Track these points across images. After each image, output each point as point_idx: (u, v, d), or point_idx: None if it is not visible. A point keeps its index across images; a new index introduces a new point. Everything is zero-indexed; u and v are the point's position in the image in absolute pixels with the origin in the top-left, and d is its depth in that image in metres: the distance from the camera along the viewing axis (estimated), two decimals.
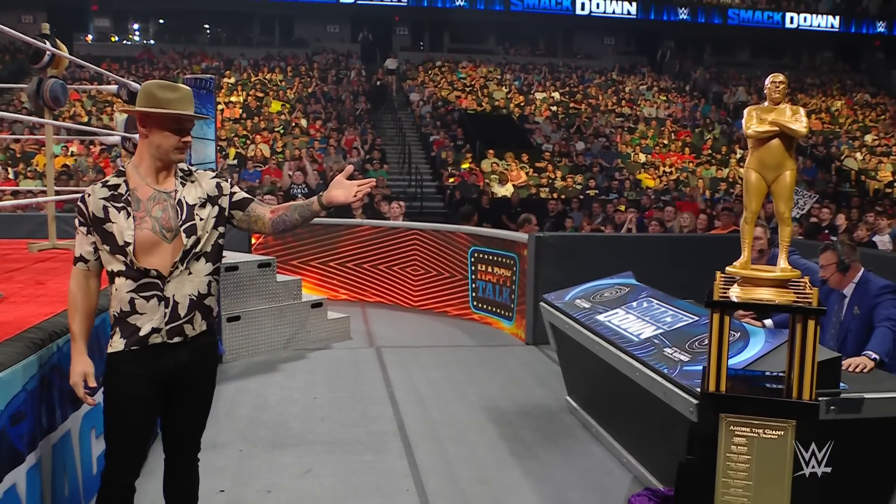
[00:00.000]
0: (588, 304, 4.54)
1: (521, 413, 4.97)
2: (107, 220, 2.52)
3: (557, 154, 18.84)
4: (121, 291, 2.54)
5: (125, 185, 2.56)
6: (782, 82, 2.79)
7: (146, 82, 2.61)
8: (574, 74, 26.28)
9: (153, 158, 2.57)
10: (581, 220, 11.84)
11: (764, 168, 2.74)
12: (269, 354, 6.26)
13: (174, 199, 2.59)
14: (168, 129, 2.54)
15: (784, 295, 2.67)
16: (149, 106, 2.52)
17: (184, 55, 24.78)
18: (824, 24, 30.65)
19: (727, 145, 20.74)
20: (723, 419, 2.66)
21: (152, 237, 2.54)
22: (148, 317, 2.54)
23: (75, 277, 2.59)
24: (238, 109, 19.96)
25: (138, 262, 2.51)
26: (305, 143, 17.89)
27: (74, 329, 2.56)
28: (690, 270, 5.26)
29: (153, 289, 2.55)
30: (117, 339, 2.55)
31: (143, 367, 2.54)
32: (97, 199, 2.53)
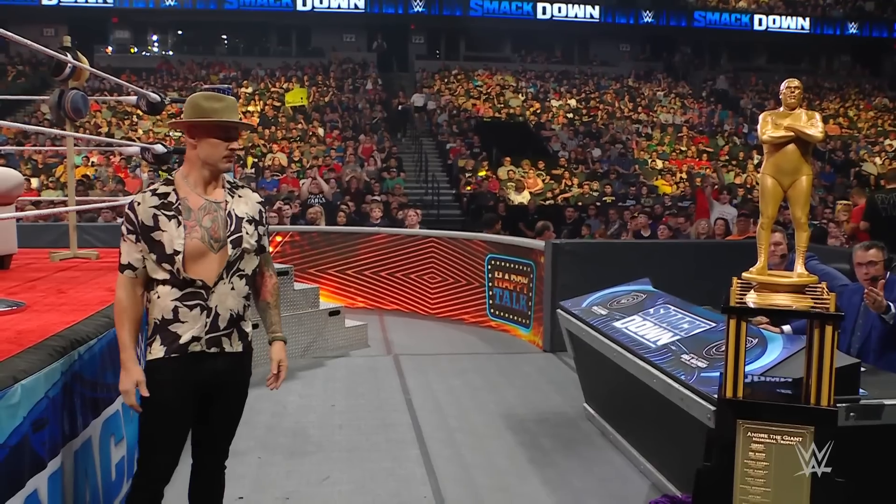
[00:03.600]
0: (605, 310, 4.53)
1: (538, 420, 4.96)
2: (156, 228, 2.54)
3: (574, 161, 18.80)
4: (164, 299, 2.56)
5: (175, 194, 2.59)
6: (797, 87, 2.78)
7: (192, 95, 2.66)
8: (590, 81, 26.25)
9: (202, 168, 2.62)
10: (598, 227, 11.81)
11: (780, 173, 2.74)
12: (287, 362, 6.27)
13: (224, 210, 2.64)
14: (215, 138, 2.59)
15: (801, 301, 2.66)
16: (195, 117, 2.57)
17: (202, 66, 25.02)
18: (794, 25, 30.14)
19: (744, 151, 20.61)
20: (740, 425, 2.65)
21: (201, 247, 2.57)
22: (189, 325, 2.57)
23: (123, 285, 2.59)
24: (255, 118, 20.10)
25: (185, 272, 2.54)
26: (322, 151, 17.99)
27: (124, 337, 2.57)
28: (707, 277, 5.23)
29: (197, 298, 2.58)
30: (157, 346, 2.58)
31: (182, 374, 2.57)
32: (147, 208, 2.56)
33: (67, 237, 5.50)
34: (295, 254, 8.80)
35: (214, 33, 28.77)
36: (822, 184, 18.01)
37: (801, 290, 2.70)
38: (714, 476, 2.76)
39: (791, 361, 3.18)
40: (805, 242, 2.76)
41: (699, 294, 4.75)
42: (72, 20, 25.34)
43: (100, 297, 3.63)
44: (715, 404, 2.85)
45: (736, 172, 18.74)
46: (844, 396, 2.86)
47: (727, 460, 2.68)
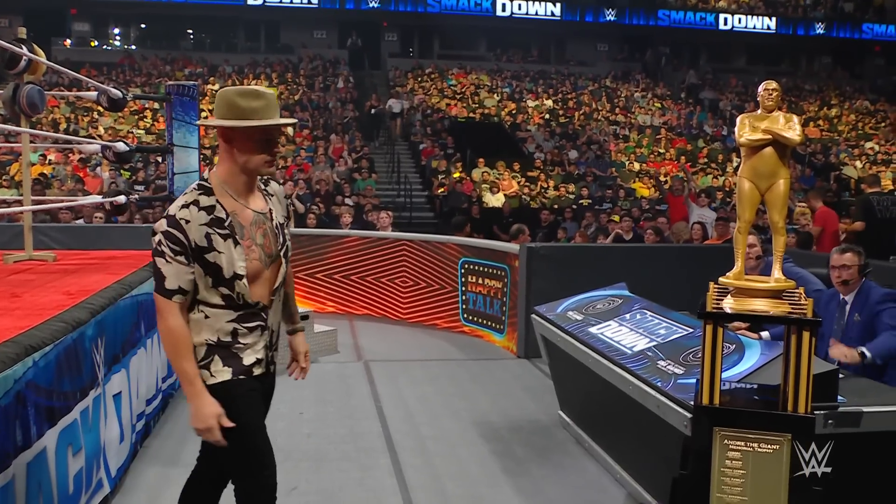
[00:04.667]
0: (580, 316, 4.55)
1: (512, 428, 4.97)
2: (211, 249, 2.35)
3: (550, 163, 18.90)
4: (218, 320, 2.42)
5: (221, 207, 2.39)
6: (775, 90, 2.82)
7: (225, 90, 2.42)
8: (567, 81, 26.41)
9: (240, 174, 2.42)
10: (574, 230, 11.88)
11: (757, 177, 2.77)
12: None
13: (272, 221, 2.50)
14: (257, 142, 2.38)
15: (778, 306, 2.69)
16: (232, 118, 2.35)
17: (166, 61, 24.78)
18: (760, 25, 30.33)
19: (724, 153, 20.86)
20: (717, 433, 2.68)
21: (259, 267, 2.44)
22: (250, 347, 2.47)
23: (175, 313, 2.36)
24: None
25: (248, 296, 2.40)
26: (292, 151, 17.91)
27: (189, 369, 2.37)
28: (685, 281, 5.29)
29: (256, 319, 2.46)
30: (220, 368, 2.43)
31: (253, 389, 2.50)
32: (198, 226, 2.34)
33: (22, 238, 5.41)
34: None
35: (179, 27, 28.50)
36: (802, 187, 18.24)
37: (778, 295, 2.74)
38: (690, 484, 2.78)
39: (769, 368, 3.21)
40: (782, 247, 2.79)
41: (676, 299, 4.80)
42: (28, 10, 24.93)
43: (57, 302, 3.58)
44: (691, 411, 2.87)
45: (715, 175, 18.96)
46: (822, 403, 2.91)
47: (704, 468, 2.70)
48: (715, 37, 30.52)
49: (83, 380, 3.19)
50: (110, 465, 3.60)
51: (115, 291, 3.94)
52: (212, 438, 2.39)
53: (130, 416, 4.05)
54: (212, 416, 2.36)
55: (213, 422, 2.36)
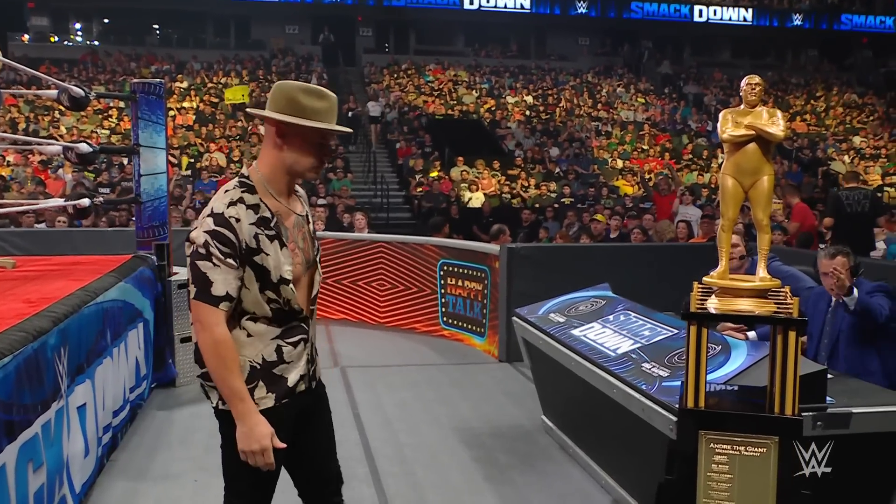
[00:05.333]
0: (563, 318, 4.57)
1: (494, 434, 4.98)
2: (259, 250, 2.27)
3: (530, 161, 18.96)
4: (262, 338, 2.34)
5: (265, 206, 2.31)
6: (758, 84, 2.84)
7: (285, 83, 2.35)
8: (547, 77, 26.53)
9: (285, 175, 2.35)
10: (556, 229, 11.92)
11: (741, 173, 2.79)
12: None
13: (309, 225, 2.46)
14: (311, 144, 2.32)
15: (764, 305, 2.71)
16: (292, 114, 2.28)
17: (131, 58, 24.57)
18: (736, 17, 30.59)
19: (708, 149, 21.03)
20: (702, 436, 2.70)
21: (300, 272, 2.39)
22: (295, 364, 2.40)
23: (221, 322, 2.24)
24: (191, 116, 19.84)
25: (295, 301, 2.34)
26: None
27: (238, 385, 2.27)
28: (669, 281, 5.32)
29: (299, 332, 2.40)
30: (264, 394, 2.34)
31: (289, 416, 2.42)
32: (248, 226, 2.26)
33: None
34: None
35: (145, 22, 28.29)
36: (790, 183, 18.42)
37: (763, 294, 2.75)
38: (677, 490, 2.80)
39: (755, 369, 3.24)
40: (767, 245, 2.81)
41: (661, 299, 4.82)
42: None
43: (16, 310, 3.54)
44: (677, 415, 2.89)
45: (699, 172, 19.10)
46: (811, 405, 2.93)
47: (690, 473, 2.72)
48: (698, 30, 30.78)
49: (45, 392, 3.15)
50: (74, 480, 3.56)
51: (79, 299, 3.89)
52: (263, 462, 2.29)
53: (96, 429, 4.00)
54: (266, 437, 2.27)
55: (268, 442, 2.27)
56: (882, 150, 22.40)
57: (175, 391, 5.82)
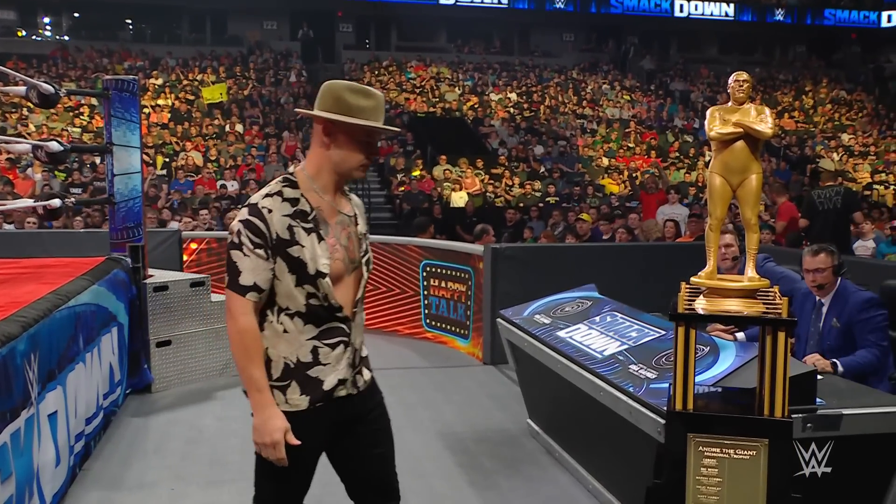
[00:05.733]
0: (548, 319, 4.57)
1: (479, 439, 4.98)
2: (294, 242, 2.30)
3: (514, 159, 18.99)
4: (298, 337, 2.35)
5: (306, 201, 2.35)
6: (746, 81, 2.85)
7: (333, 82, 2.40)
8: (531, 73, 26.58)
9: (331, 173, 2.39)
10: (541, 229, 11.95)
11: (728, 172, 2.80)
12: (203, 382, 6.17)
13: (356, 226, 2.48)
14: (358, 142, 2.37)
15: (752, 306, 2.72)
16: (339, 113, 2.33)
17: (103, 53, 24.38)
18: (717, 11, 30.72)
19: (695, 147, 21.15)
20: (691, 439, 2.71)
21: (341, 269, 2.39)
22: (332, 367, 2.39)
23: (248, 311, 2.31)
24: (166, 114, 19.72)
25: (332, 296, 2.35)
26: (242, 150, 17.76)
27: (258, 375, 2.31)
28: (658, 281, 5.35)
29: (338, 334, 2.40)
30: (296, 395, 2.35)
31: (324, 422, 2.41)
32: (281, 217, 2.30)
33: None
34: (212, 262, 8.64)
35: (117, 17, 28.06)
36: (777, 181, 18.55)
37: (752, 294, 2.76)
38: (665, 494, 2.81)
39: (744, 370, 3.25)
40: (755, 245, 2.83)
41: (648, 300, 4.85)
42: None
43: None
44: (665, 417, 2.90)
45: (686, 170, 19.19)
46: (800, 407, 2.95)
47: (678, 477, 2.73)
48: (684, 25, 30.96)
49: (14, 399, 3.11)
50: (45, 490, 3.52)
51: (50, 303, 3.86)
52: (274, 456, 2.31)
53: (68, 437, 3.96)
54: (278, 430, 2.29)
55: (280, 436, 2.29)
56: (871, 147, 22.60)
57: (151, 397, 5.79)
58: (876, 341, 4.22)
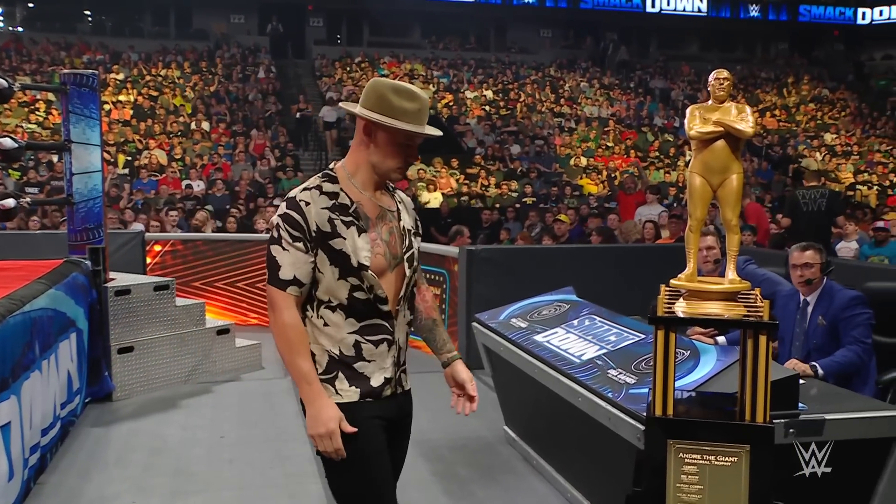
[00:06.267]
0: (525, 323, 4.58)
1: (454, 447, 4.97)
2: (335, 234, 2.33)
3: (491, 158, 19.03)
4: (339, 331, 2.38)
5: (345, 195, 2.39)
6: (727, 79, 2.87)
7: (378, 80, 2.43)
8: (508, 70, 26.63)
9: (370, 172, 2.43)
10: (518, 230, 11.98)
11: (709, 172, 2.81)
12: (167, 390, 6.13)
13: (399, 221, 2.49)
14: (397, 145, 2.39)
15: (733, 308, 2.74)
16: (382, 113, 2.35)
17: (61, 46, 24.05)
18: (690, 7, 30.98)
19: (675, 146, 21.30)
20: (671, 446, 2.72)
21: (383, 264, 2.40)
22: (377, 364, 2.42)
23: (291, 306, 2.34)
24: (128, 110, 19.53)
25: (378, 288, 2.37)
26: (208, 148, 17.64)
27: (306, 367, 2.33)
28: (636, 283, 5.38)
29: (381, 332, 2.42)
30: (346, 387, 2.38)
31: (378, 415, 2.42)
32: (320, 209, 2.33)
33: None
34: (177, 265, 8.57)
35: (75, 8, 27.70)
36: (760, 181, 18.76)
37: (732, 297, 2.78)
38: (645, 501, 2.82)
39: (725, 375, 3.28)
40: (736, 246, 2.84)
41: (627, 303, 4.87)
42: None
43: None
44: (644, 423, 2.91)
45: (666, 170, 19.34)
46: (782, 412, 2.98)
47: (658, 484, 2.74)
48: (664, 21, 31.18)
49: None
50: None
51: (3, 308, 3.80)
52: (331, 447, 2.32)
53: (22, 449, 3.90)
54: (332, 420, 2.31)
55: (335, 425, 2.30)
56: (854, 146, 22.89)
57: (112, 406, 5.73)
58: (859, 338, 4.29)
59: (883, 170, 20.71)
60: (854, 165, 21.20)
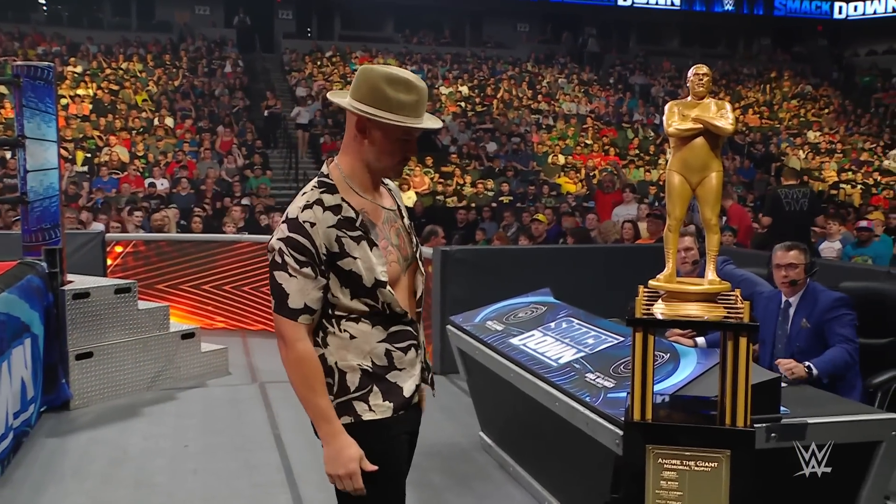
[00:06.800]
0: (501, 326, 4.60)
1: (428, 453, 4.97)
2: (344, 254, 2.23)
3: (466, 156, 19.06)
4: (369, 339, 2.30)
5: (348, 205, 2.27)
6: (706, 74, 2.89)
7: (370, 69, 2.29)
8: (484, 66, 26.68)
9: (366, 171, 2.33)
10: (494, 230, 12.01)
11: (688, 170, 2.83)
12: (129, 397, 6.08)
13: (403, 220, 2.44)
14: (395, 141, 2.29)
15: (713, 310, 2.76)
16: (374, 105, 2.24)
17: (13, 36, 23.70)
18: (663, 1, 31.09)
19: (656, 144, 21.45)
20: (650, 451, 2.73)
21: (397, 271, 2.34)
22: (408, 372, 2.36)
23: (304, 337, 2.25)
24: (87, 105, 19.33)
25: (396, 304, 2.30)
26: (172, 145, 17.52)
27: (325, 405, 2.26)
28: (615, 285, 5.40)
29: (407, 338, 2.36)
30: (379, 402, 2.31)
31: (405, 430, 2.41)
32: (327, 230, 2.22)
33: None
34: (139, 267, 8.50)
35: None
36: (742, 180, 18.94)
37: (712, 298, 2.80)
38: None
39: (706, 378, 3.30)
40: (716, 246, 2.86)
41: (606, 304, 4.89)
42: None
43: None
44: (622, 428, 2.93)
45: (646, 168, 19.46)
46: (764, 416, 3.00)
47: (637, 490, 2.76)
48: (644, 16, 31.38)
49: None
50: None
51: None
52: (351, 487, 2.27)
53: None
54: (353, 460, 2.25)
55: (355, 466, 2.25)
56: (838, 144, 23.13)
57: (69, 415, 5.67)
58: (848, 337, 4.31)
59: (867, 168, 20.94)
60: (838, 164, 21.41)
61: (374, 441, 2.29)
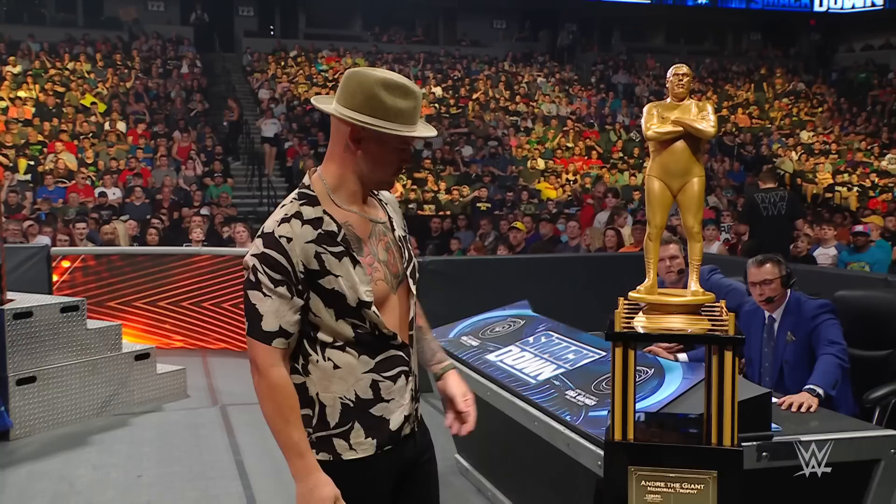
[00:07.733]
0: (476, 341, 4.61)
1: None
2: (325, 272, 2.18)
3: (440, 161, 19.08)
4: (354, 371, 2.24)
5: (330, 218, 2.22)
6: (686, 74, 2.92)
7: (361, 72, 2.23)
8: (458, 65, 26.74)
9: (357, 183, 2.27)
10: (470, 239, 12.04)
11: (668, 175, 2.84)
12: (77, 424, 6.03)
13: (393, 233, 2.37)
14: (392, 150, 2.25)
15: (697, 322, 2.77)
16: (369, 113, 2.19)
17: None
18: None
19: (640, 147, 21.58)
20: (632, 473, 2.74)
21: (385, 290, 2.28)
22: (397, 403, 2.30)
23: (276, 362, 2.19)
24: (29, 108, 19.14)
25: (386, 327, 2.26)
26: (125, 151, 17.41)
27: (298, 438, 2.19)
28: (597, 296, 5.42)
29: (398, 364, 2.31)
30: (361, 439, 2.25)
31: (390, 466, 2.33)
32: (305, 245, 2.17)
33: None
34: (89, 283, 8.45)
35: None
36: (731, 183, 19.09)
37: (696, 310, 2.82)
38: None
39: (692, 394, 3.32)
40: (699, 255, 2.87)
41: (587, 317, 4.92)
42: None
43: None
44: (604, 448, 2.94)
45: (631, 172, 19.56)
46: (753, 434, 3.02)
47: None
48: (627, 11, 31.58)
49: None
50: None
51: None
52: None
53: None
54: (327, 500, 2.18)
55: None
56: (832, 145, 23.27)
57: (9, 446, 5.62)
58: (834, 339, 4.25)
59: (864, 170, 21.09)
60: (833, 165, 21.53)
61: (353, 483, 2.25)
